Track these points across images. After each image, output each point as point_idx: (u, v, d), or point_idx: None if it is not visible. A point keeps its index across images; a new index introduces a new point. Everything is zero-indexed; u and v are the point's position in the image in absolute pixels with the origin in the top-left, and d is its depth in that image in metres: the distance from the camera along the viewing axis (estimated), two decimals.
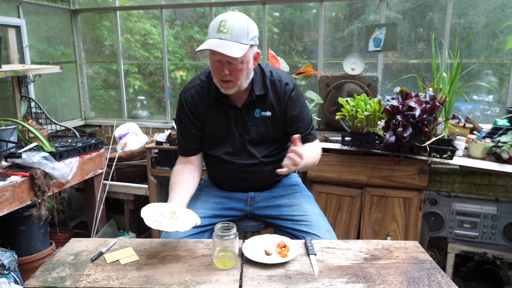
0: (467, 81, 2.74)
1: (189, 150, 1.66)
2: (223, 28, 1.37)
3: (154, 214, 1.29)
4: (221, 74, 1.43)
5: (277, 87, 1.56)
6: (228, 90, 1.47)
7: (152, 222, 1.24)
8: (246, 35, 1.39)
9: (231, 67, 1.41)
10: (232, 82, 1.45)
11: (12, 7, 2.96)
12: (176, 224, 1.27)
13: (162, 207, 1.34)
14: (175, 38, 3.51)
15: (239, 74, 1.43)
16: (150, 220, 1.24)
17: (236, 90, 1.48)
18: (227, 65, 1.41)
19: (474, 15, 2.70)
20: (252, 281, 1.13)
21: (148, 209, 1.31)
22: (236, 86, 1.46)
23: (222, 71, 1.42)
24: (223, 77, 1.43)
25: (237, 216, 1.68)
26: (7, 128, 2.34)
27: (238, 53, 1.36)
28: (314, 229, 1.50)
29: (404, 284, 1.12)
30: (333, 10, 3.01)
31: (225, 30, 1.37)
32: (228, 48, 1.35)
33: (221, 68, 1.42)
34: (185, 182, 1.57)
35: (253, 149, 1.61)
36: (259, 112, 1.57)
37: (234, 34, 1.37)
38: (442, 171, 2.77)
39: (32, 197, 2.13)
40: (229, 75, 1.43)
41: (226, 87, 1.46)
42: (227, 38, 1.36)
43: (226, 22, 1.37)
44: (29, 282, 1.13)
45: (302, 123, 1.61)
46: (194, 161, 1.67)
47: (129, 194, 2.98)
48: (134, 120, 3.54)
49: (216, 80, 1.48)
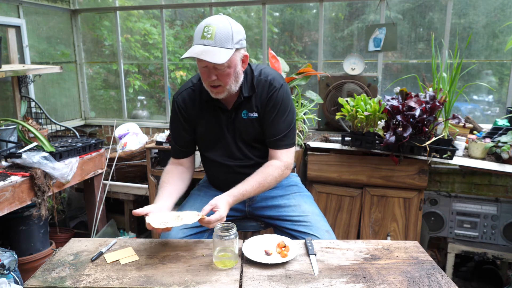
0: (467, 81, 2.74)
1: (180, 153, 1.68)
2: (206, 33, 1.36)
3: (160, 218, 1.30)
4: (208, 80, 1.43)
5: (263, 87, 1.55)
6: (218, 94, 1.47)
7: (159, 223, 1.25)
8: (231, 40, 1.38)
9: (218, 72, 1.41)
10: (221, 86, 1.44)
11: (12, 7, 2.96)
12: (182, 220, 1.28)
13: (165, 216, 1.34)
14: (175, 38, 3.51)
15: (226, 78, 1.43)
16: (157, 222, 1.25)
17: (226, 94, 1.47)
18: (214, 70, 1.40)
19: (474, 15, 2.70)
20: (252, 281, 1.13)
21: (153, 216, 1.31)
22: (226, 91, 1.46)
23: (210, 77, 1.41)
24: (211, 82, 1.43)
25: (236, 216, 1.69)
26: (7, 128, 2.34)
27: (222, 59, 1.35)
28: (313, 229, 1.50)
29: (404, 284, 1.12)
30: (333, 10, 3.01)
31: (209, 35, 1.36)
32: (211, 54, 1.34)
33: (208, 73, 1.41)
34: (175, 182, 1.58)
35: (247, 150, 1.61)
36: (246, 114, 1.57)
37: (217, 39, 1.36)
38: (442, 171, 2.77)
39: (32, 197, 2.13)
40: (217, 80, 1.42)
41: (216, 92, 1.46)
42: (210, 44, 1.36)
43: (209, 28, 1.36)
44: (29, 282, 1.13)
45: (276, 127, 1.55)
46: (185, 163, 1.68)
47: (129, 194, 2.98)
48: (134, 120, 3.54)
49: (205, 85, 1.48)
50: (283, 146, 1.58)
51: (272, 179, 1.54)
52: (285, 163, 1.57)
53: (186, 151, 1.68)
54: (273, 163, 1.56)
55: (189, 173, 1.69)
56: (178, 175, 1.63)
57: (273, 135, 1.56)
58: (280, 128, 1.56)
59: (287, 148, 1.59)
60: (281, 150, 1.58)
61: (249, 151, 1.61)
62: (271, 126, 1.55)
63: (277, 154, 1.58)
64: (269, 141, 1.58)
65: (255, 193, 1.52)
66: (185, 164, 1.68)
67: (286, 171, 1.58)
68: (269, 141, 1.58)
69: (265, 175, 1.53)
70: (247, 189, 1.48)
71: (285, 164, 1.57)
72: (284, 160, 1.57)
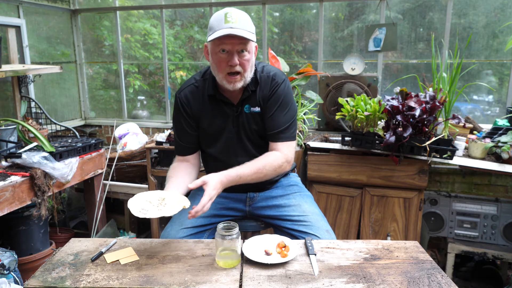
0: (467, 81, 2.74)
1: (185, 150, 1.66)
2: (230, 18, 1.39)
3: (142, 203, 1.26)
4: (231, 65, 1.42)
5: (266, 82, 1.56)
6: (236, 84, 1.46)
7: (139, 211, 1.20)
8: (251, 26, 1.44)
9: (240, 57, 1.42)
10: (240, 74, 1.45)
11: (12, 7, 2.96)
12: (163, 210, 1.23)
13: (151, 195, 1.31)
14: (175, 38, 3.51)
15: (247, 64, 1.44)
16: (136, 210, 1.21)
17: (242, 83, 1.47)
18: (237, 55, 1.42)
19: (474, 15, 2.70)
20: (252, 281, 1.13)
21: (136, 199, 1.28)
22: (243, 79, 1.46)
23: (232, 61, 1.41)
24: (232, 68, 1.42)
25: (236, 216, 1.69)
26: (7, 128, 2.34)
27: (252, 37, 1.40)
28: (313, 229, 1.50)
29: (404, 284, 1.12)
30: (333, 10, 3.01)
31: (233, 20, 1.39)
32: (242, 33, 1.38)
33: (230, 58, 1.41)
34: (181, 175, 1.57)
35: (250, 146, 1.61)
36: (249, 108, 1.57)
37: (242, 23, 1.40)
38: (442, 171, 2.77)
39: (32, 197, 2.13)
40: (238, 66, 1.43)
41: (234, 81, 1.45)
42: (237, 27, 1.38)
43: (231, 14, 1.40)
44: (29, 282, 1.13)
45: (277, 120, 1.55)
46: (191, 159, 1.67)
47: (129, 194, 2.98)
48: (134, 120, 3.54)
49: (221, 77, 1.46)
50: (284, 139, 1.57)
51: (271, 168, 1.51)
52: (285, 155, 1.56)
53: (190, 147, 1.66)
54: (273, 153, 1.55)
55: (196, 169, 1.67)
56: (185, 169, 1.61)
57: (273, 128, 1.56)
58: (281, 121, 1.56)
59: (288, 141, 1.58)
60: (282, 142, 1.57)
61: (252, 147, 1.61)
62: (272, 120, 1.56)
63: (277, 146, 1.57)
64: (269, 134, 1.57)
65: (252, 178, 1.49)
66: (191, 160, 1.67)
67: (285, 164, 1.56)
68: (270, 134, 1.57)
69: (264, 163, 1.51)
70: (245, 171, 1.46)
71: (285, 156, 1.55)
72: (285, 153, 1.56)
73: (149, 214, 1.19)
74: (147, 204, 1.26)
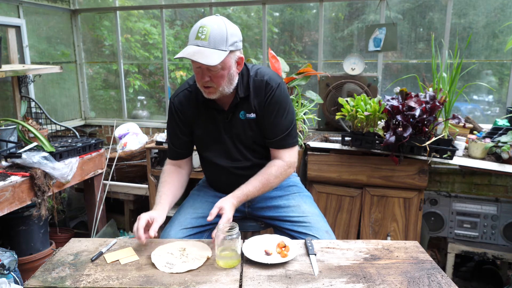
0: (467, 81, 2.74)
1: (178, 155, 1.68)
2: (201, 34, 1.35)
3: (165, 256, 1.27)
4: (202, 81, 1.42)
5: (260, 88, 1.53)
6: (210, 95, 1.46)
7: (164, 265, 1.22)
8: (225, 41, 1.36)
9: (211, 74, 1.40)
10: (213, 88, 1.44)
11: (12, 7, 2.96)
12: (188, 263, 1.23)
13: (171, 247, 1.32)
14: (175, 38, 3.51)
15: (220, 80, 1.42)
16: (161, 264, 1.22)
17: (218, 95, 1.46)
18: (207, 71, 1.40)
19: (474, 15, 2.70)
20: (252, 281, 1.13)
21: (158, 252, 1.29)
22: (218, 92, 1.45)
23: (203, 78, 1.41)
24: (204, 83, 1.43)
25: (236, 216, 1.68)
26: (7, 128, 2.34)
27: (214, 61, 1.33)
28: (313, 230, 1.50)
29: (404, 284, 1.12)
30: (333, 10, 3.01)
31: (203, 36, 1.35)
32: (204, 55, 1.33)
33: (201, 74, 1.41)
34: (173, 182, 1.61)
35: (245, 151, 1.60)
36: (244, 114, 1.55)
37: (211, 40, 1.35)
38: (442, 171, 2.77)
39: (32, 197, 2.13)
40: (210, 82, 1.42)
41: (208, 92, 1.46)
42: (204, 45, 1.35)
43: (204, 28, 1.35)
44: (29, 282, 1.13)
45: (277, 127, 1.54)
46: (182, 164, 1.69)
47: (129, 194, 2.98)
48: (134, 120, 3.54)
49: (199, 86, 1.47)
50: (286, 146, 1.57)
51: (275, 179, 1.54)
52: (288, 162, 1.57)
53: (183, 152, 1.68)
54: (275, 163, 1.56)
55: (187, 174, 1.70)
56: (176, 175, 1.65)
57: (274, 135, 1.55)
58: (281, 128, 1.55)
59: (290, 148, 1.58)
60: (284, 150, 1.57)
61: (247, 152, 1.60)
62: (272, 127, 1.54)
63: (279, 154, 1.57)
64: (270, 141, 1.57)
65: (259, 193, 1.53)
66: (182, 166, 1.69)
67: (289, 170, 1.58)
68: (271, 141, 1.57)
69: (268, 176, 1.53)
70: (251, 189, 1.49)
71: (287, 163, 1.57)
72: (287, 160, 1.57)
73: (175, 268, 1.20)
74: (169, 256, 1.27)
